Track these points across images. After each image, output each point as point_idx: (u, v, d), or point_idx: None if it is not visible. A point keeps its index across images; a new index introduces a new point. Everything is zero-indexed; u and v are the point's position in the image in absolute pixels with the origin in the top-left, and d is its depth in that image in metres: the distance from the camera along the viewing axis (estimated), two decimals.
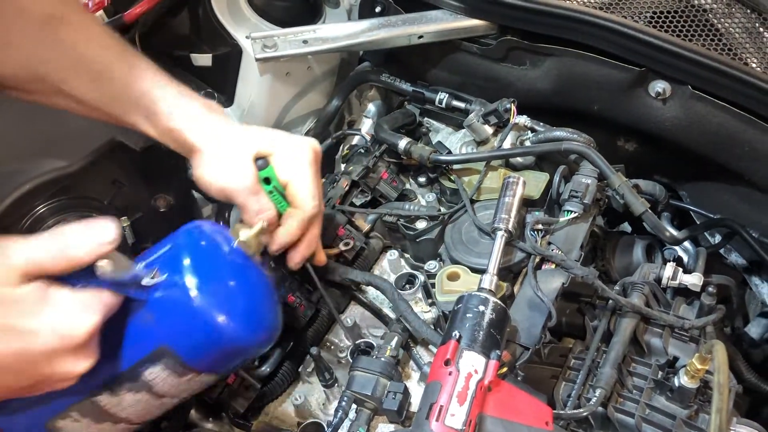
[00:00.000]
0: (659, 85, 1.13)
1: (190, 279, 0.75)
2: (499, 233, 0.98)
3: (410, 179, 1.28)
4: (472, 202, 1.13)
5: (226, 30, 1.34)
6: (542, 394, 0.90)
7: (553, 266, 0.99)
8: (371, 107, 1.43)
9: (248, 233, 0.85)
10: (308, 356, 1.03)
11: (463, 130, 1.28)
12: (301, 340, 1.05)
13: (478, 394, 0.78)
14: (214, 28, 1.35)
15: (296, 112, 1.44)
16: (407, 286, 1.08)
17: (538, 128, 1.18)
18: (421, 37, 1.25)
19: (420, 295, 1.07)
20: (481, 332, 0.83)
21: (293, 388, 1.05)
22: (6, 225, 1.21)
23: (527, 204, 1.09)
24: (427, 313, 1.04)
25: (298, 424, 1.00)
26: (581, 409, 0.88)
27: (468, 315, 0.85)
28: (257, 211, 0.93)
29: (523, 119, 1.18)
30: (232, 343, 0.77)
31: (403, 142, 1.21)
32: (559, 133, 1.14)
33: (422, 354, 1.02)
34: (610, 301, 1.00)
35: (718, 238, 1.26)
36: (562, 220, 1.04)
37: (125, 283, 0.73)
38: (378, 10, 1.33)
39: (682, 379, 0.87)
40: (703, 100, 1.10)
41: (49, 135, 1.14)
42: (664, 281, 1.03)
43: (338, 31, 1.27)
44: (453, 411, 0.76)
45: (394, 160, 1.26)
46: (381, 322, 1.09)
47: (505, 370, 0.87)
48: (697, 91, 1.10)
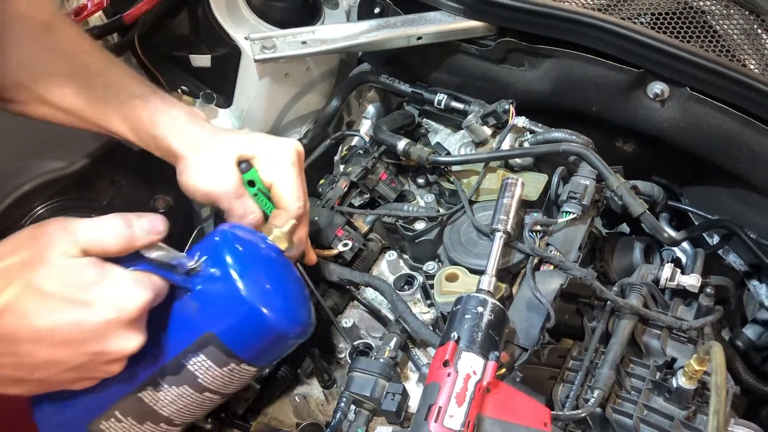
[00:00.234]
0: (657, 87, 1.13)
1: (234, 267, 0.79)
2: (498, 234, 0.98)
3: (409, 180, 1.28)
4: (471, 203, 1.13)
5: (225, 31, 1.34)
6: (541, 395, 0.90)
7: (552, 267, 0.99)
8: (370, 108, 1.43)
9: (280, 230, 0.88)
10: (307, 357, 1.03)
11: (462, 131, 1.28)
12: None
13: (477, 395, 0.78)
14: (213, 29, 1.35)
15: (295, 113, 1.44)
16: (406, 287, 1.08)
17: (537, 129, 1.18)
18: (420, 39, 1.25)
19: (419, 296, 1.07)
20: (480, 333, 0.83)
21: (292, 388, 1.05)
22: (5, 225, 1.21)
23: (526, 205, 1.09)
24: (426, 314, 1.04)
25: (297, 425, 1.00)
26: (579, 410, 0.88)
27: (466, 316, 0.85)
28: (242, 215, 0.93)
29: (522, 120, 1.18)
30: (273, 330, 0.80)
31: (402, 143, 1.21)
32: (557, 134, 1.14)
33: (421, 355, 1.02)
34: (609, 302, 1.00)
35: (717, 239, 1.26)
36: (560, 221, 1.05)
37: (171, 267, 0.76)
38: (377, 11, 1.33)
39: (680, 380, 0.87)
40: (702, 102, 1.10)
41: (47, 136, 1.14)
42: (663, 282, 1.03)
43: (337, 33, 1.27)
44: (451, 412, 0.76)
45: (393, 161, 1.26)
46: (380, 323, 1.09)
47: (504, 371, 0.87)
48: (696, 93, 1.10)
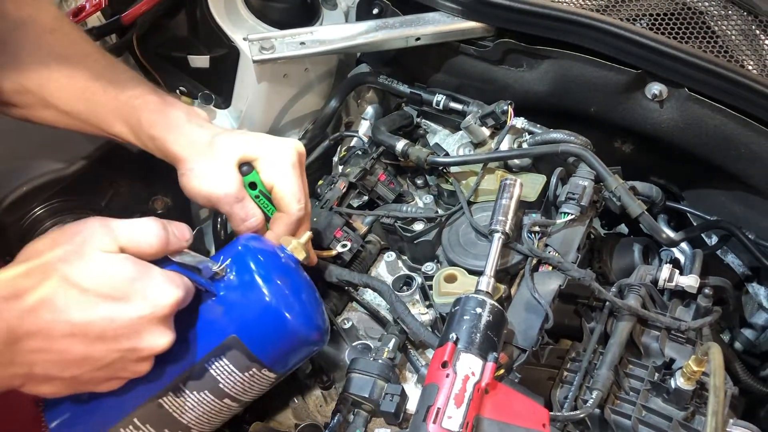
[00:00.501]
0: (656, 88, 1.13)
1: (258, 272, 0.82)
2: (496, 235, 0.98)
3: (408, 181, 1.28)
4: (470, 203, 1.13)
5: (223, 32, 1.34)
6: (539, 396, 0.90)
7: (550, 268, 0.99)
8: (369, 109, 1.43)
9: (298, 242, 0.91)
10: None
11: (461, 132, 1.28)
12: None
13: (475, 397, 0.78)
14: (212, 30, 1.35)
15: (293, 114, 1.44)
16: (404, 288, 1.08)
17: (535, 130, 1.18)
18: (418, 39, 1.25)
19: (417, 297, 1.07)
20: (479, 334, 0.83)
21: (291, 390, 1.05)
22: (4, 226, 1.21)
23: (524, 206, 1.09)
24: (425, 315, 1.04)
25: (296, 426, 1.00)
26: (578, 411, 0.88)
27: (465, 317, 0.85)
28: (243, 218, 0.93)
29: (520, 121, 1.18)
30: (295, 334, 0.84)
31: (401, 144, 1.21)
32: (556, 135, 1.14)
33: (419, 356, 1.02)
34: (607, 303, 1.00)
35: (715, 240, 1.26)
36: (559, 222, 1.05)
37: (197, 270, 0.79)
38: (375, 11, 1.33)
39: (679, 381, 0.87)
40: (700, 103, 1.10)
41: (46, 137, 1.14)
42: (661, 283, 1.03)
43: (336, 33, 1.27)
44: (450, 413, 0.77)
45: (392, 162, 1.26)
46: (378, 324, 1.09)
47: (502, 372, 0.87)
48: (694, 94, 1.10)
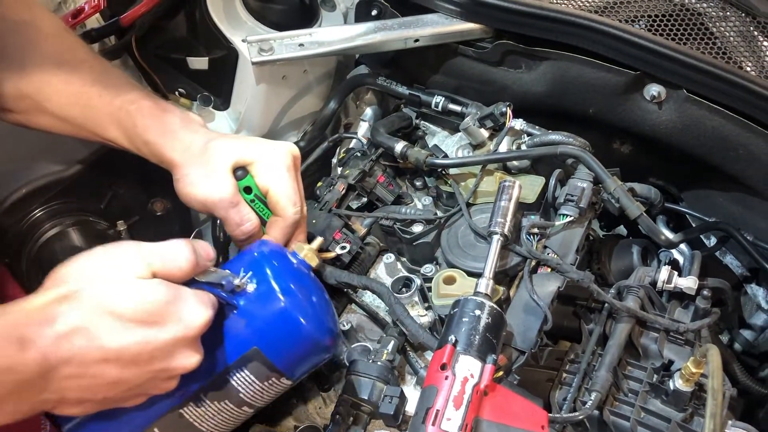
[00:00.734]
0: (654, 89, 1.13)
1: (278, 283, 0.83)
2: (495, 237, 0.99)
3: (407, 183, 1.29)
4: (469, 205, 1.13)
5: (222, 33, 1.34)
6: (538, 398, 0.90)
7: (549, 270, 0.99)
8: (368, 110, 1.43)
9: (310, 248, 0.92)
10: None
11: (459, 134, 1.28)
12: None
13: (474, 399, 0.78)
14: (211, 32, 1.35)
15: (292, 116, 1.44)
16: (403, 290, 1.08)
17: (534, 132, 1.18)
18: (417, 41, 1.25)
19: (416, 299, 1.07)
20: (478, 336, 0.83)
21: (290, 392, 1.05)
22: (4, 228, 1.21)
23: (523, 208, 1.09)
24: (424, 317, 1.04)
25: (295, 428, 1.00)
26: (577, 413, 0.88)
27: (464, 319, 0.85)
28: (238, 223, 0.93)
29: (519, 123, 1.18)
30: (313, 343, 0.85)
31: (400, 146, 1.21)
32: (554, 136, 1.14)
33: (418, 358, 1.02)
34: (606, 305, 1.00)
35: (714, 241, 1.26)
36: (557, 223, 1.05)
37: (220, 285, 0.80)
38: (374, 13, 1.33)
39: (677, 383, 0.88)
40: (698, 104, 1.10)
41: (45, 139, 1.14)
42: (660, 284, 1.03)
43: (334, 35, 1.27)
44: (449, 415, 0.77)
45: (391, 164, 1.26)
46: (377, 326, 1.09)
47: (501, 374, 0.87)
48: (692, 95, 1.10)
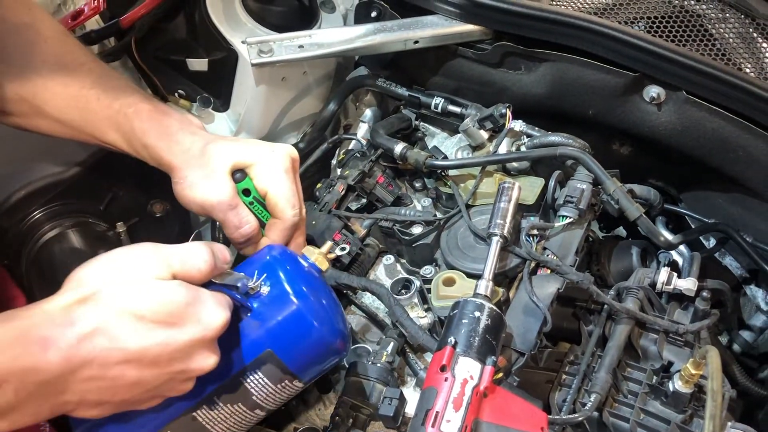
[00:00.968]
0: (654, 90, 1.13)
1: (291, 286, 0.83)
2: (495, 238, 0.99)
3: (406, 184, 1.29)
4: (468, 207, 1.13)
5: (222, 35, 1.34)
6: (538, 400, 0.90)
7: (549, 271, 0.99)
8: (367, 112, 1.43)
9: (320, 252, 0.92)
10: None
11: (459, 135, 1.28)
12: None
13: (474, 400, 0.78)
14: (210, 33, 1.35)
15: (292, 117, 1.44)
16: (403, 291, 1.08)
17: (534, 133, 1.18)
18: (416, 42, 1.25)
19: (416, 301, 1.07)
20: (477, 338, 0.83)
21: None
22: (3, 229, 1.21)
23: (522, 209, 1.10)
24: (423, 319, 1.04)
25: (294, 430, 1.00)
26: (576, 414, 0.88)
27: (464, 321, 0.85)
28: (237, 225, 0.93)
29: (519, 124, 1.18)
30: (327, 345, 0.85)
31: (399, 147, 1.21)
32: (554, 138, 1.14)
33: (418, 360, 1.02)
34: (606, 306, 1.00)
35: (713, 242, 1.26)
36: (557, 225, 1.05)
37: (235, 288, 0.80)
38: (374, 15, 1.33)
39: (677, 384, 0.88)
40: (698, 105, 1.11)
41: (45, 140, 1.14)
42: (659, 286, 1.03)
43: (334, 36, 1.27)
44: (449, 417, 0.77)
45: (390, 165, 1.26)
46: (377, 328, 1.09)
47: (501, 375, 0.87)
48: (692, 96, 1.10)
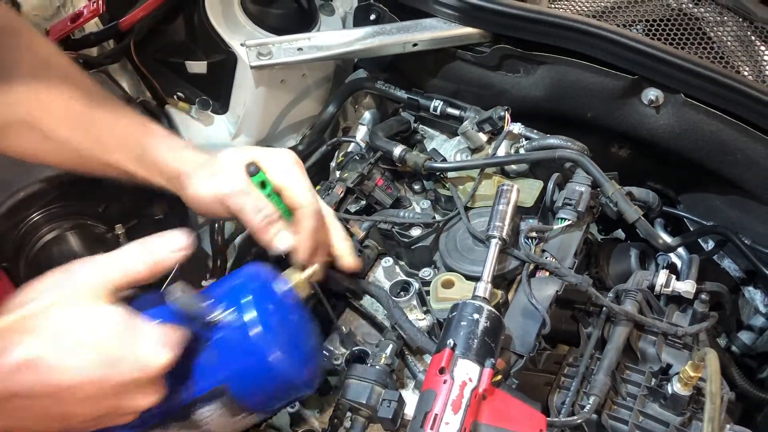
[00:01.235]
0: (652, 93, 1.13)
1: (254, 320, 0.77)
2: (494, 241, 0.99)
3: (405, 186, 1.28)
4: (467, 209, 1.13)
5: (221, 37, 1.34)
6: (536, 402, 0.90)
7: (547, 274, 0.99)
8: (366, 114, 1.43)
9: (302, 276, 0.89)
10: None
11: (458, 138, 1.28)
12: None
13: (473, 403, 0.78)
14: (209, 36, 1.35)
15: (291, 119, 1.45)
16: (402, 294, 1.07)
17: (532, 136, 1.18)
18: (415, 45, 1.26)
19: (415, 303, 1.07)
20: (476, 340, 0.83)
21: None
22: (1, 231, 1.21)
23: (521, 211, 1.10)
24: (422, 321, 1.04)
25: None
26: (575, 417, 0.88)
27: (462, 323, 0.85)
28: (255, 209, 0.90)
29: (518, 127, 1.18)
30: (287, 382, 0.79)
31: (398, 150, 1.21)
32: (553, 140, 1.14)
33: (417, 362, 1.02)
34: (604, 309, 1.00)
35: (712, 245, 1.26)
36: (556, 227, 1.05)
37: (195, 317, 0.75)
38: (372, 17, 1.33)
39: (676, 387, 0.88)
40: (696, 108, 1.11)
41: None
42: (658, 288, 1.03)
43: (333, 39, 1.27)
44: (447, 419, 0.77)
45: (389, 167, 1.26)
46: (376, 330, 1.09)
47: (500, 377, 0.87)
48: (690, 99, 1.11)
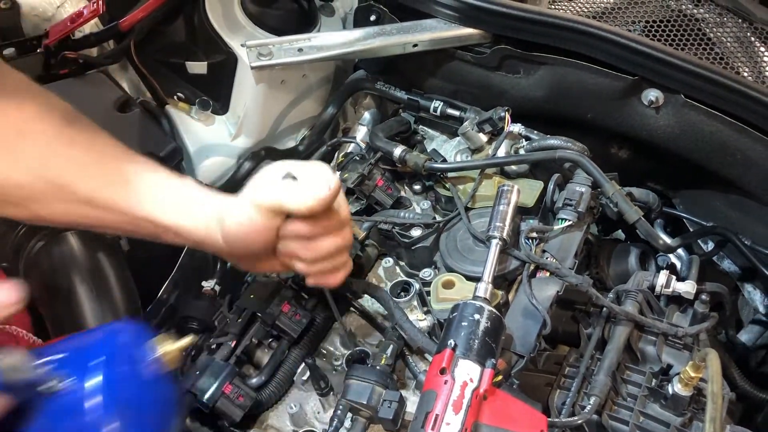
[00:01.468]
0: (652, 94, 1.13)
1: (94, 388, 0.69)
2: (494, 241, 0.99)
3: (405, 187, 1.29)
4: (467, 209, 1.14)
5: (221, 38, 1.34)
6: (537, 402, 0.90)
7: (548, 274, 0.99)
8: (366, 115, 1.43)
9: (174, 346, 0.80)
10: (303, 364, 1.03)
11: (458, 138, 1.28)
12: (296, 349, 1.05)
13: (474, 403, 0.78)
14: (210, 36, 1.35)
15: (291, 120, 1.45)
16: (402, 294, 1.08)
17: (533, 136, 1.18)
18: (415, 46, 1.26)
19: (415, 303, 1.07)
20: (477, 341, 0.83)
21: (288, 396, 1.05)
22: (1, 231, 1.21)
23: (522, 212, 1.10)
24: (423, 321, 1.04)
25: None
26: (576, 417, 0.88)
27: (463, 323, 0.85)
28: (314, 167, 0.82)
29: (518, 127, 1.19)
30: None
31: (398, 150, 1.22)
32: (553, 141, 1.14)
33: (418, 362, 1.02)
34: (605, 309, 1.00)
35: (711, 245, 1.26)
36: (556, 228, 1.05)
37: (25, 387, 0.68)
38: (373, 18, 1.34)
39: (676, 387, 0.88)
40: (696, 109, 1.11)
41: None
42: (658, 289, 1.03)
43: (333, 40, 1.28)
44: (448, 420, 0.77)
45: (390, 168, 1.26)
46: (376, 330, 1.09)
47: (500, 378, 0.87)
48: (690, 100, 1.11)
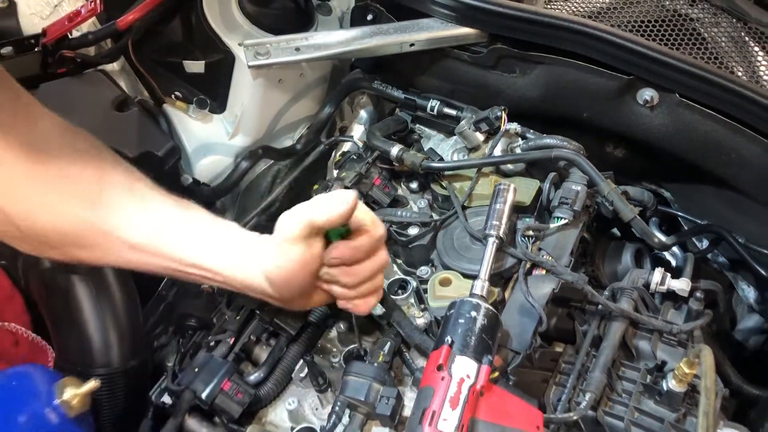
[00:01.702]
0: (647, 93, 1.14)
1: None
2: (491, 239, 0.99)
3: (402, 185, 1.29)
4: (464, 208, 1.14)
5: (218, 37, 1.35)
6: (533, 399, 0.91)
7: (544, 272, 1.00)
8: (363, 114, 1.44)
9: (77, 391, 0.79)
10: (301, 361, 1.04)
11: (455, 137, 1.29)
12: (295, 345, 1.05)
13: (470, 399, 0.79)
14: (207, 36, 1.36)
15: (289, 119, 1.45)
16: (400, 292, 1.08)
17: (529, 135, 1.19)
18: (412, 45, 1.26)
19: (412, 301, 1.08)
20: (473, 337, 0.84)
21: (287, 392, 1.05)
22: None
23: (518, 210, 1.11)
24: (420, 319, 1.04)
25: (292, 429, 1.01)
26: (571, 413, 0.88)
27: (460, 320, 0.86)
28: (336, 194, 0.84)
29: (514, 126, 1.19)
30: None
31: (395, 149, 1.22)
32: (549, 140, 1.15)
33: (415, 359, 1.03)
34: (600, 306, 1.01)
35: (706, 243, 1.27)
36: (552, 226, 1.06)
37: None
38: (370, 17, 1.34)
39: (671, 383, 0.88)
40: (691, 108, 1.12)
41: None
42: (653, 286, 1.04)
43: (330, 39, 1.28)
44: (445, 416, 0.77)
45: (387, 167, 1.27)
46: (374, 327, 1.10)
47: (497, 374, 0.88)
48: (685, 99, 1.12)
